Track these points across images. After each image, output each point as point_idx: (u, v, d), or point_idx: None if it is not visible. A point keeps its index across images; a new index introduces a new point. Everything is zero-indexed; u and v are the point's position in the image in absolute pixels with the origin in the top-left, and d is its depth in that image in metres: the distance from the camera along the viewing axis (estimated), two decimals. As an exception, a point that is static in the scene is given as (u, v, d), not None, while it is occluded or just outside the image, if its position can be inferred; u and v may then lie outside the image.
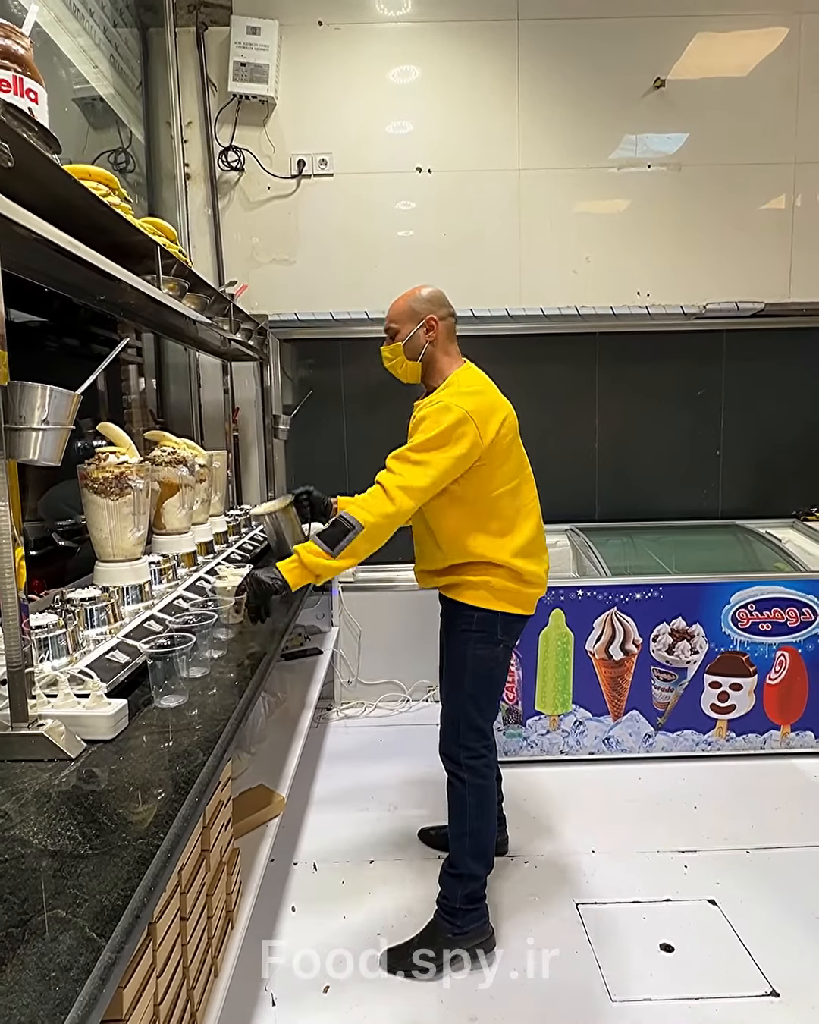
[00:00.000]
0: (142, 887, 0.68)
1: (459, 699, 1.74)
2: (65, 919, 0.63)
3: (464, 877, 1.71)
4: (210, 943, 1.15)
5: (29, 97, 1.01)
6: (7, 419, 0.90)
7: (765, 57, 2.95)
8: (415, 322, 1.68)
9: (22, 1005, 0.54)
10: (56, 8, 2.28)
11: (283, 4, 2.83)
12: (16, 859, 0.73)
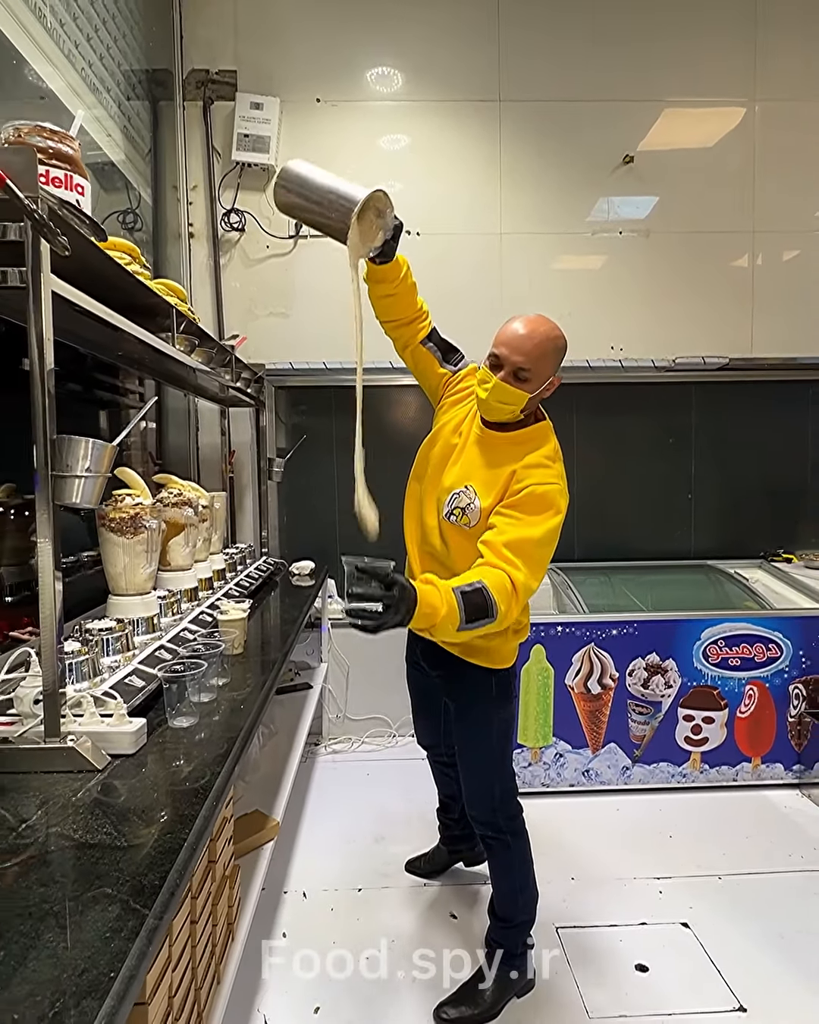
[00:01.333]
0: (174, 870, 0.79)
1: (491, 766, 1.68)
2: (111, 895, 0.75)
3: (520, 926, 1.75)
4: (214, 950, 1.24)
5: (77, 191, 1.17)
6: (54, 467, 1.04)
7: (727, 133, 3.24)
8: (547, 375, 1.55)
9: (87, 957, 0.65)
10: (75, 83, 2.49)
11: (284, 82, 3.08)
12: (61, 850, 0.84)
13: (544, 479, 1.48)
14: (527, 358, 1.50)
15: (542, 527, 1.43)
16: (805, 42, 3.21)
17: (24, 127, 1.14)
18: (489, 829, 1.72)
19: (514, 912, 1.75)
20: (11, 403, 1.84)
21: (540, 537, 1.42)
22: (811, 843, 2.39)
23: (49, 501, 1.04)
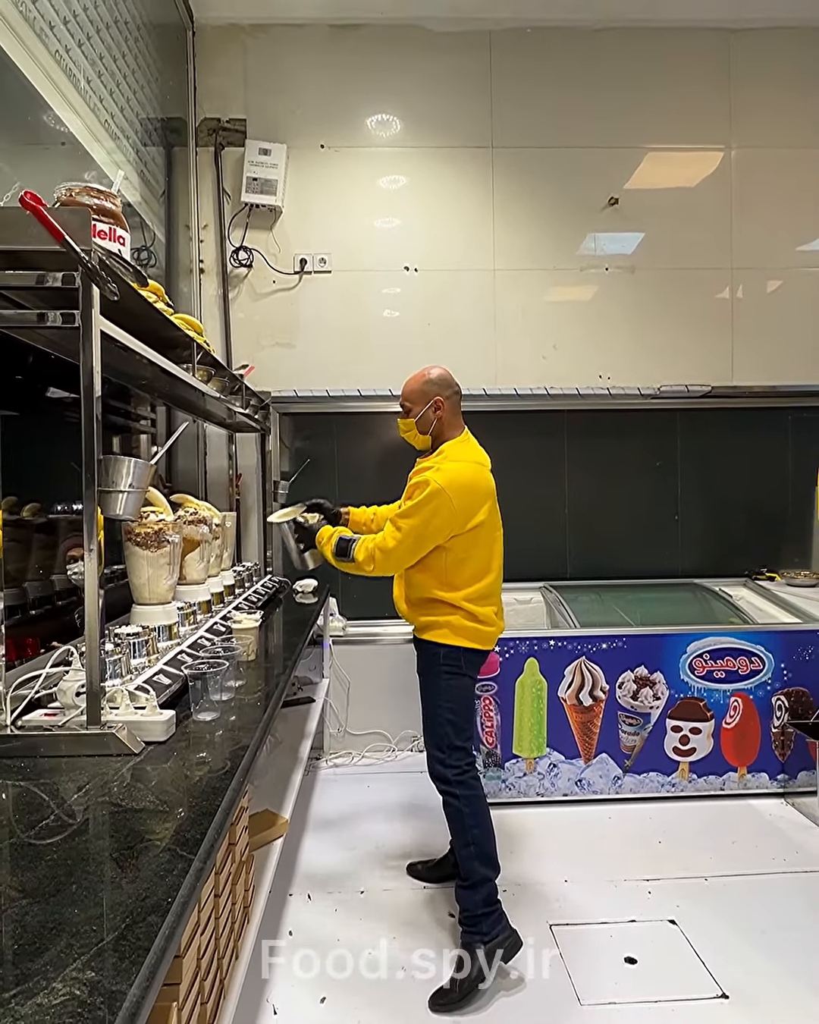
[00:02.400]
0: (212, 827, 0.92)
1: (439, 725, 1.97)
2: (160, 845, 0.87)
3: (478, 884, 1.88)
4: (233, 927, 1.35)
5: (119, 242, 1.33)
6: (100, 483, 1.18)
7: (706, 176, 3.46)
8: (425, 402, 1.99)
9: (146, 888, 0.77)
10: (96, 130, 2.68)
11: (290, 130, 3.30)
12: (112, 814, 0.97)
13: (420, 470, 1.96)
14: (403, 396, 2.06)
15: (407, 503, 1.90)
16: (776, 94, 3.44)
17: (75, 187, 1.30)
18: (440, 781, 1.98)
19: (470, 869, 1.90)
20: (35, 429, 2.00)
21: (404, 511, 1.89)
22: (794, 847, 2.50)
23: (95, 514, 1.18)
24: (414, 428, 2.04)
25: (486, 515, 1.94)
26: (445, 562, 1.94)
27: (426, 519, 1.84)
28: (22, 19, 1.97)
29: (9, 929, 0.71)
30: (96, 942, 0.69)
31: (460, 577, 1.95)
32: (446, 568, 1.94)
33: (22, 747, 1.18)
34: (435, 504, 1.83)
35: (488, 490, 1.98)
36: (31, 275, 1.21)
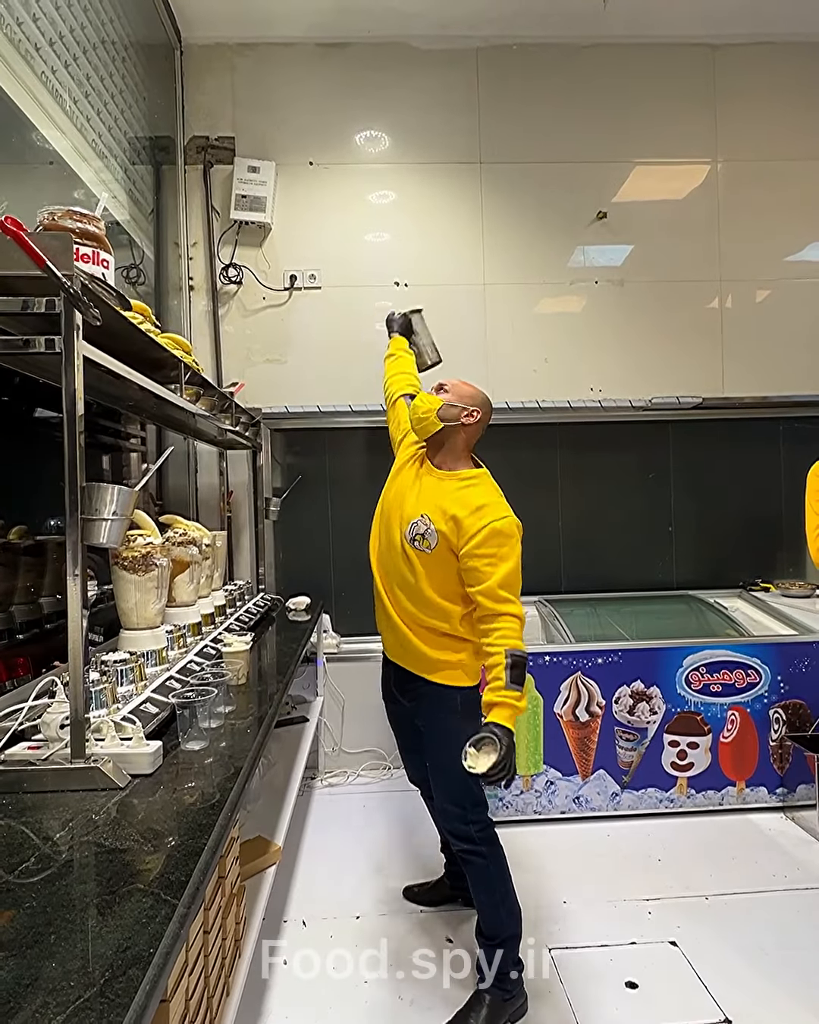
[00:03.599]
0: (197, 869, 0.89)
1: (460, 779, 1.72)
2: (144, 889, 0.85)
3: (507, 940, 1.80)
4: (224, 963, 1.32)
5: (103, 265, 1.32)
6: (83, 511, 1.16)
7: (693, 189, 3.48)
8: (464, 402, 1.85)
9: (127, 938, 0.75)
10: (83, 149, 2.67)
11: (279, 147, 3.30)
12: (96, 855, 0.94)
13: (497, 515, 1.74)
14: (452, 384, 1.91)
15: (514, 556, 1.70)
16: (760, 108, 3.47)
17: (57, 211, 1.29)
18: (464, 842, 1.82)
19: (498, 928, 1.81)
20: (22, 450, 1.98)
21: (516, 565, 1.70)
22: (794, 864, 2.47)
23: (79, 542, 1.16)
24: (435, 408, 1.84)
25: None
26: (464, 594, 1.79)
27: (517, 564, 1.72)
28: (7, 40, 1.96)
29: (-14, 986, 0.68)
30: (73, 999, 0.66)
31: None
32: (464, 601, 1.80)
33: (4, 782, 1.15)
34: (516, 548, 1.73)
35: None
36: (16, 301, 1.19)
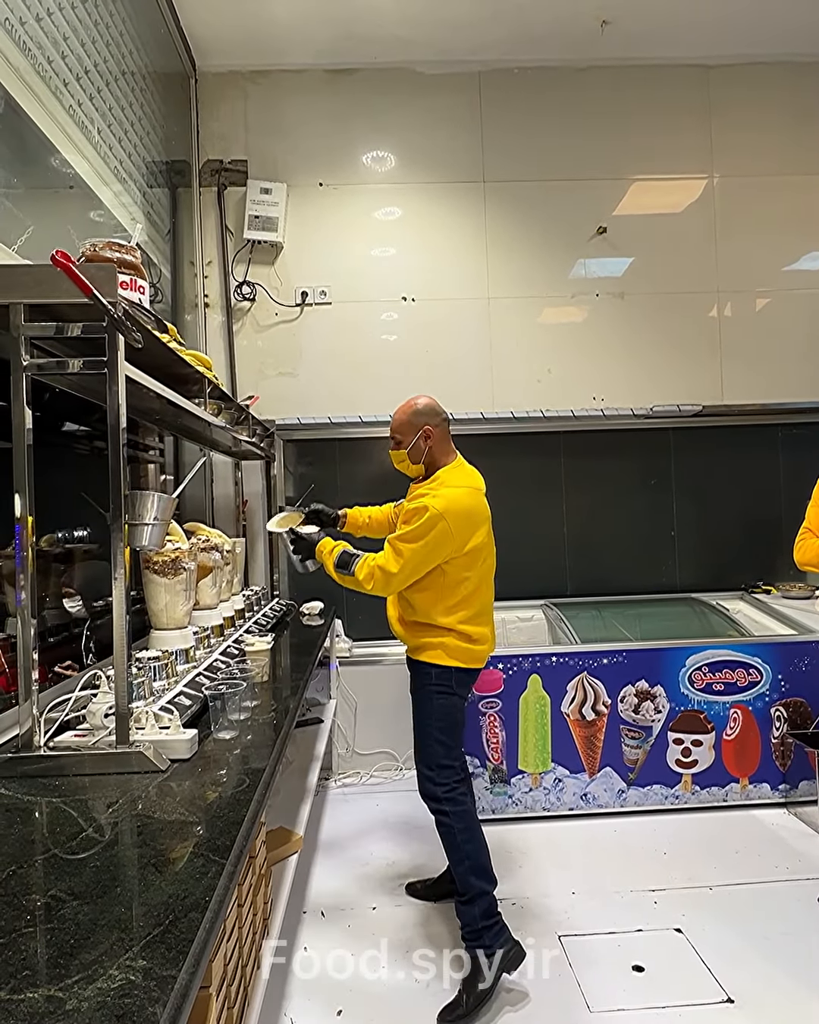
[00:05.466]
0: (240, 835, 0.99)
1: (429, 744, 2.03)
2: (195, 852, 0.95)
3: (476, 897, 1.92)
4: (254, 939, 1.42)
5: (139, 291, 1.43)
6: (127, 517, 1.27)
7: (691, 203, 3.60)
8: (414, 433, 2.04)
9: (186, 889, 0.85)
10: (105, 174, 2.81)
11: (290, 170, 3.44)
12: (147, 825, 1.04)
13: (417, 503, 1.95)
14: (393, 429, 2.12)
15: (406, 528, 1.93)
16: (754, 125, 3.60)
17: (99, 243, 1.41)
18: (431, 800, 2.02)
19: (466, 884, 1.94)
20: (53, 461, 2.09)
21: (401, 534, 1.93)
22: (796, 856, 2.55)
23: (123, 545, 1.26)
24: (406, 459, 2.10)
25: (482, 539, 2.01)
26: (442, 583, 1.99)
27: (426, 544, 1.89)
28: (39, 78, 2.09)
29: (65, 927, 0.78)
30: (144, 936, 0.76)
31: (455, 599, 2.00)
32: (442, 590, 2.00)
33: (55, 766, 1.25)
34: (435, 531, 1.88)
35: (484, 515, 2.05)
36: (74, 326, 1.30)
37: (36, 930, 0.78)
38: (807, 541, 2.38)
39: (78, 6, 2.35)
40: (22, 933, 0.77)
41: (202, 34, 3.26)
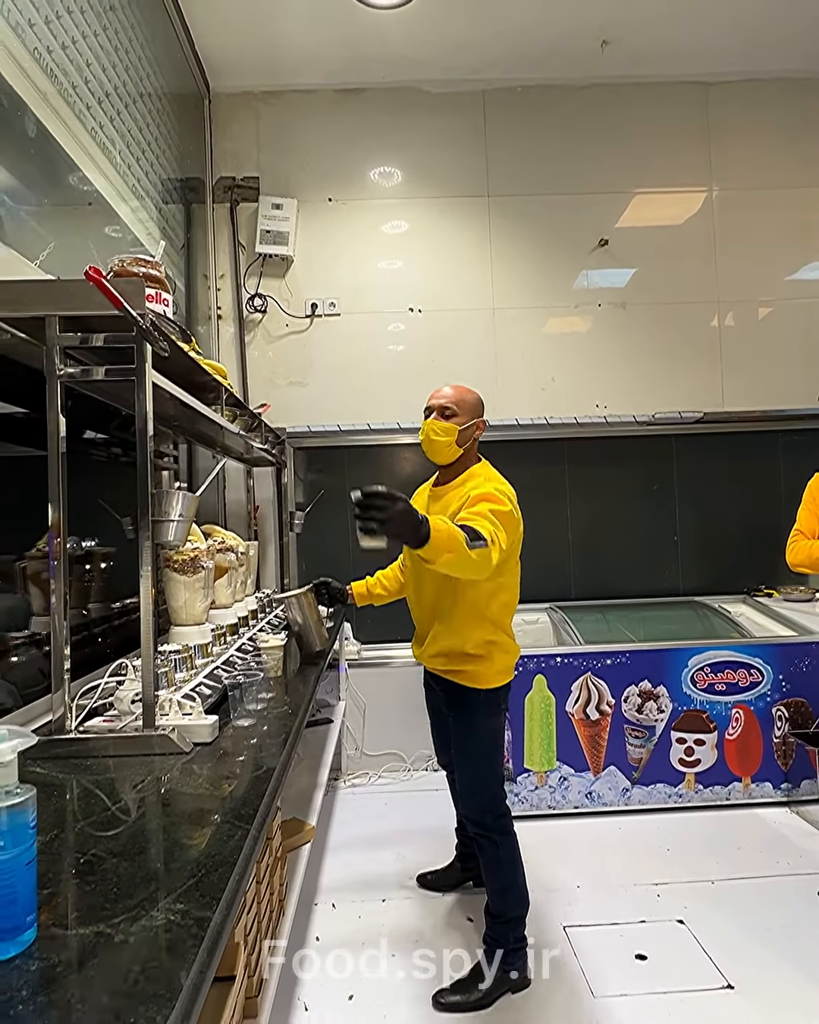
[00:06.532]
0: (263, 804, 1.07)
1: (480, 769, 1.95)
2: (221, 819, 1.02)
3: (512, 921, 1.95)
4: (271, 916, 1.49)
5: (164, 304, 1.52)
6: (153, 514, 1.35)
7: (691, 215, 3.69)
8: (472, 416, 1.94)
9: (214, 849, 0.93)
10: (123, 191, 2.92)
11: (300, 186, 3.55)
12: (175, 797, 1.12)
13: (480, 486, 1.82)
14: (448, 399, 1.95)
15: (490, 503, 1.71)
16: (751, 140, 3.70)
17: (126, 259, 1.50)
18: (479, 827, 1.97)
19: (504, 907, 1.96)
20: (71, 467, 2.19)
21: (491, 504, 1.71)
22: (798, 852, 2.60)
23: (151, 541, 1.35)
24: (453, 436, 1.92)
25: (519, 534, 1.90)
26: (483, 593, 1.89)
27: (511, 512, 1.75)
28: (64, 102, 2.20)
29: (108, 879, 0.86)
30: (180, 885, 0.84)
31: (495, 606, 1.92)
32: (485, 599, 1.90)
33: (86, 748, 1.33)
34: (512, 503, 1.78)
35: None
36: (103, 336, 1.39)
37: (81, 881, 0.86)
38: (799, 543, 2.46)
39: (100, 33, 2.46)
40: (68, 884, 0.85)
41: (216, 56, 3.39)
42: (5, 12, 1.82)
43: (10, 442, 1.85)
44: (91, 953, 0.71)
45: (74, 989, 0.66)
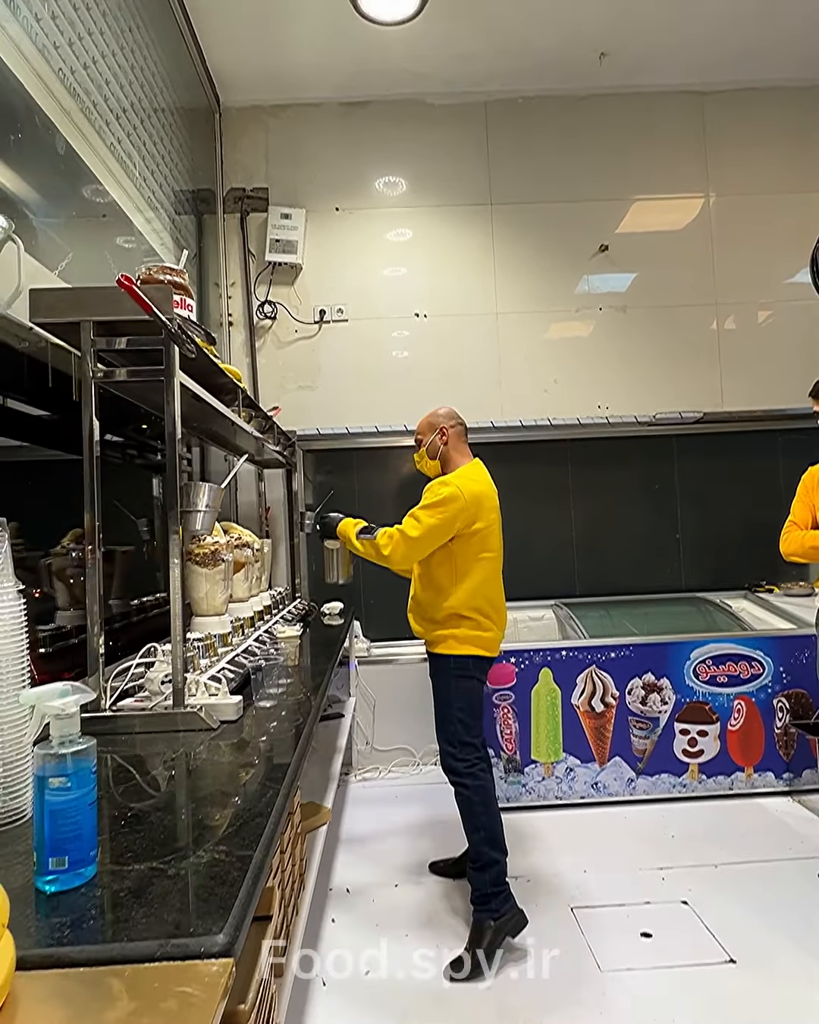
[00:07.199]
0: (290, 768, 1.16)
1: (451, 723, 2.20)
2: (253, 782, 1.11)
3: (487, 865, 2.08)
4: (294, 887, 1.57)
5: (188, 309, 1.62)
6: (183, 505, 1.44)
7: (689, 221, 3.79)
8: (432, 432, 2.33)
9: (249, 803, 1.01)
10: (138, 203, 3.02)
11: (308, 196, 3.66)
12: (208, 765, 1.21)
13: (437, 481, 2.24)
14: (416, 432, 2.42)
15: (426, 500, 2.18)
16: (746, 148, 3.79)
17: (153, 267, 1.60)
18: (452, 774, 2.19)
19: (479, 852, 2.10)
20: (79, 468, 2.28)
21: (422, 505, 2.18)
22: (799, 838, 2.67)
23: (179, 532, 1.44)
24: (424, 455, 2.37)
25: (490, 524, 2.22)
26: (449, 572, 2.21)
27: (443, 512, 2.12)
28: (86, 119, 2.31)
29: (155, 829, 0.94)
30: (220, 833, 0.92)
31: (462, 586, 2.20)
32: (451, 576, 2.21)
33: (120, 726, 1.42)
34: (452, 503, 2.12)
35: (493, 503, 2.26)
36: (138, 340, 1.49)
37: (130, 830, 0.94)
38: (792, 533, 2.54)
39: (118, 52, 2.58)
40: (119, 832, 0.94)
41: (226, 72, 3.50)
42: (34, 35, 1.93)
43: (34, 443, 1.95)
44: (148, 883, 0.80)
45: (137, 909, 0.75)
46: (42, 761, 0.79)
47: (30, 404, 1.87)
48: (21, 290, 1.53)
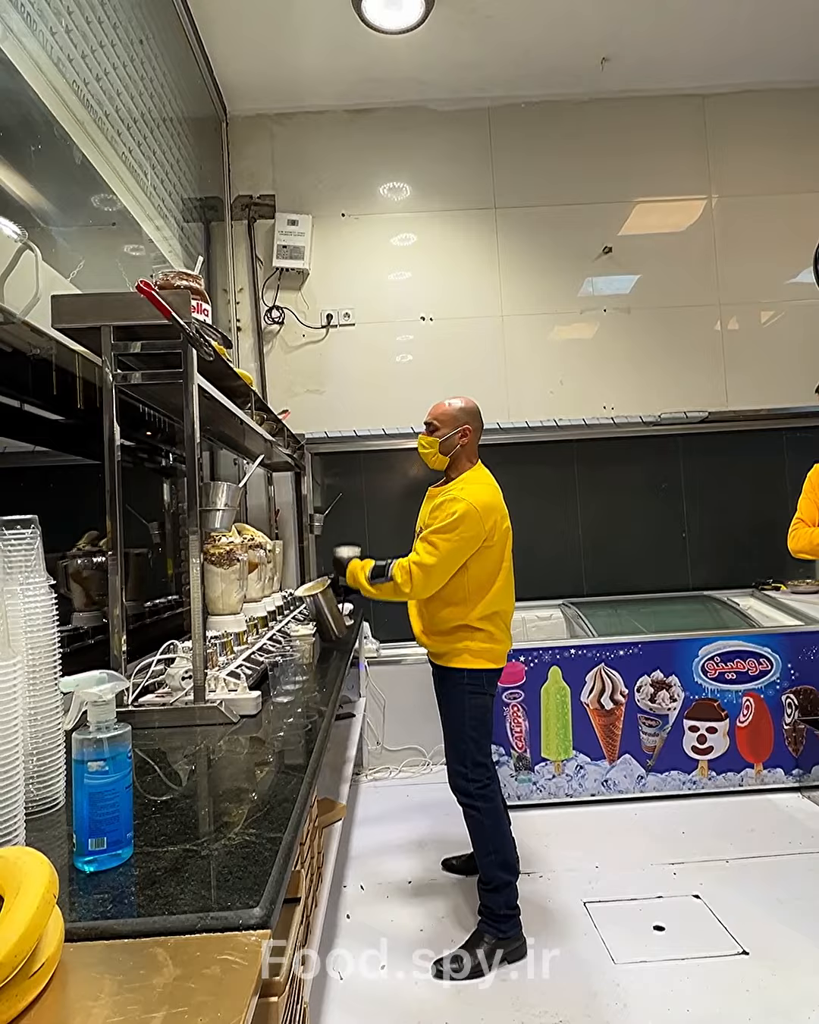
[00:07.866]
0: (312, 759, 1.19)
1: (462, 742, 2.11)
2: (277, 771, 1.14)
3: (499, 887, 2.06)
4: (311, 879, 1.60)
5: (204, 313, 1.66)
6: (202, 504, 1.48)
7: (692, 222, 3.82)
8: (454, 427, 2.16)
9: (275, 790, 1.04)
10: (149, 211, 3.07)
11: (315, 202, 3.71)
12: (230, 759, 1.24)
13: (447, 497, 2.10)
14: (431, 414, 2.22)
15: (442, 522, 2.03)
16: (747, 149, 3.83)
17: (170, 273, 1.64)
18: (462, 795, 2.12)
19: (491, 873, 2.07)
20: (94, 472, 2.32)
21: (440, 527, 2.03)
22: (810, 833, 2.69)
23: (199, 529, 1.47)
24: (435, 447, 2.19)
25: (500, 534, 2.11)
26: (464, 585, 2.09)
27: (460, 533, 1.99)
28: (99, 130, 2.36)
29: (185, 813, 0.98)
30: (250, 817, 0.95)
31: (476, 599, 2.10)
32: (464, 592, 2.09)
33: (143, 720, 1.45)
34: (468, 520, 2.00)
35: (503, 511, 2.16)
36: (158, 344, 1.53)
37: (161, 816, 0.97)
38: (799, 530, 2.56)
39: (129, 64, 2.62)
40: (151, 818, 0.97)
41: (233, 81, 3.56)
42: (49, 49, 1.97)
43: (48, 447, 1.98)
44: (183, 863, 0.83)
45: (175, 886, 0.78)
46: (81, 746, 0.82)
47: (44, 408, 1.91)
48: (39, 296, 1.56)
